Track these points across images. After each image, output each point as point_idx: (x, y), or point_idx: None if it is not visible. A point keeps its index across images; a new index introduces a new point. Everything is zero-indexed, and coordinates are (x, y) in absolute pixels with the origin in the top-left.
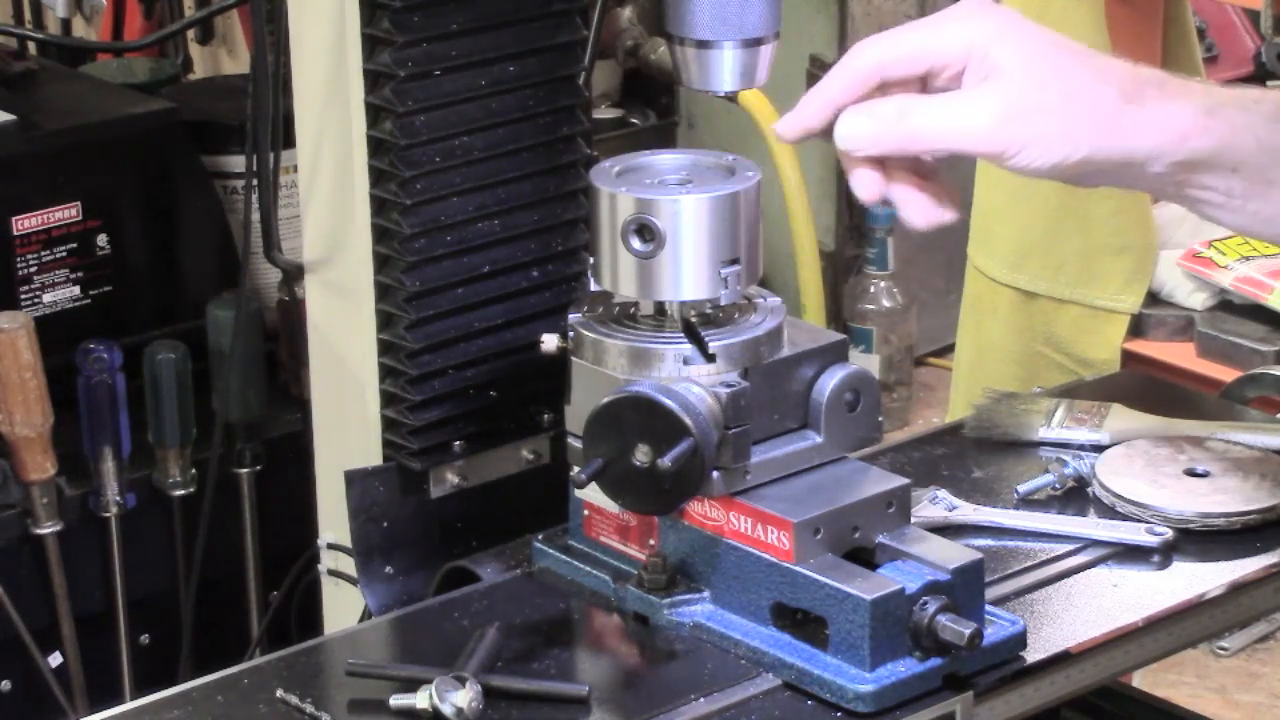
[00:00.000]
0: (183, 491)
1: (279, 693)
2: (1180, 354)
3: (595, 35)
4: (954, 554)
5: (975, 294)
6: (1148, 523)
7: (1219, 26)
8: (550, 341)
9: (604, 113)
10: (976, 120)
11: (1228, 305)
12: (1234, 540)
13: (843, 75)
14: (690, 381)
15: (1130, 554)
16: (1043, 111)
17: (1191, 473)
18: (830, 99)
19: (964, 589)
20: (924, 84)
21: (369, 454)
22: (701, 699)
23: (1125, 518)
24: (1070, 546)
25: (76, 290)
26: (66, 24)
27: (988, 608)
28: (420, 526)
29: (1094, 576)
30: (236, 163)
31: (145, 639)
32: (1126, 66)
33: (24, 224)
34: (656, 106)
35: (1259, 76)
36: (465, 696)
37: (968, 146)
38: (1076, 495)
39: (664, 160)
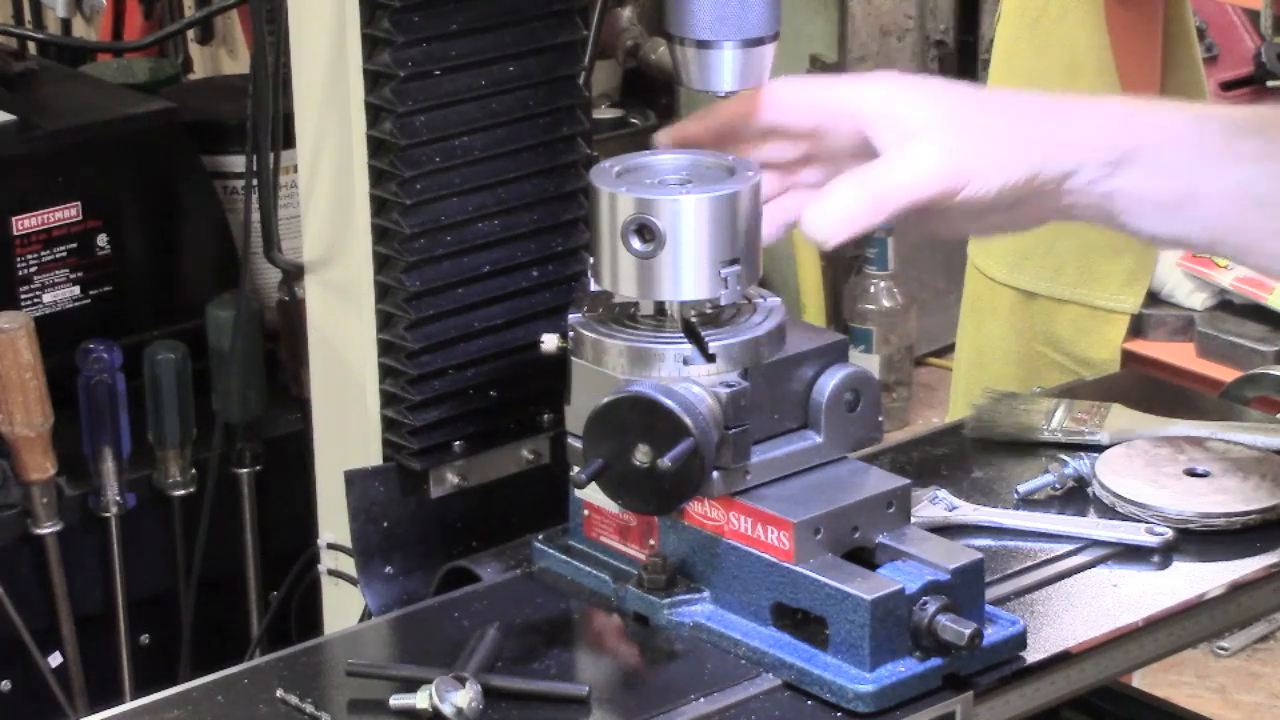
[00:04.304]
0: (183, 491)
1: (279, 693)
2: (1180, 354)
3: (595, 35)
4: (954, 554)
5: (975, 294)
6: (1148, 523)
7: (1219, 26)
8: (550, 341)
9: (604, 113)
10: (926, 163)
11: (1227, 305)
12: (1234, 540)
13: (740, 98)
14: (690, 381)
15: (1130, 554)
16: (979, 138)
17: (1191, 473)
18: (718, 115)
19: (964, 589)
20: (811, 143)
21: (369, 454)
22: (701, 699)
23: (1125, 518)
24: (1070, 546)
25: (76, 290)
26: (66, 24)
27: (988, 608)
28: (420, 526)
29: (1094, 576)
30: (236, 163)
31: (145, 639)
32: (1035, 93)
33: (24, 224)
34: (656, 106)
35: (1259, 77)
36: (465, 696)
37: (926, 191)
38: (1076, 495)
39: (664, 160)
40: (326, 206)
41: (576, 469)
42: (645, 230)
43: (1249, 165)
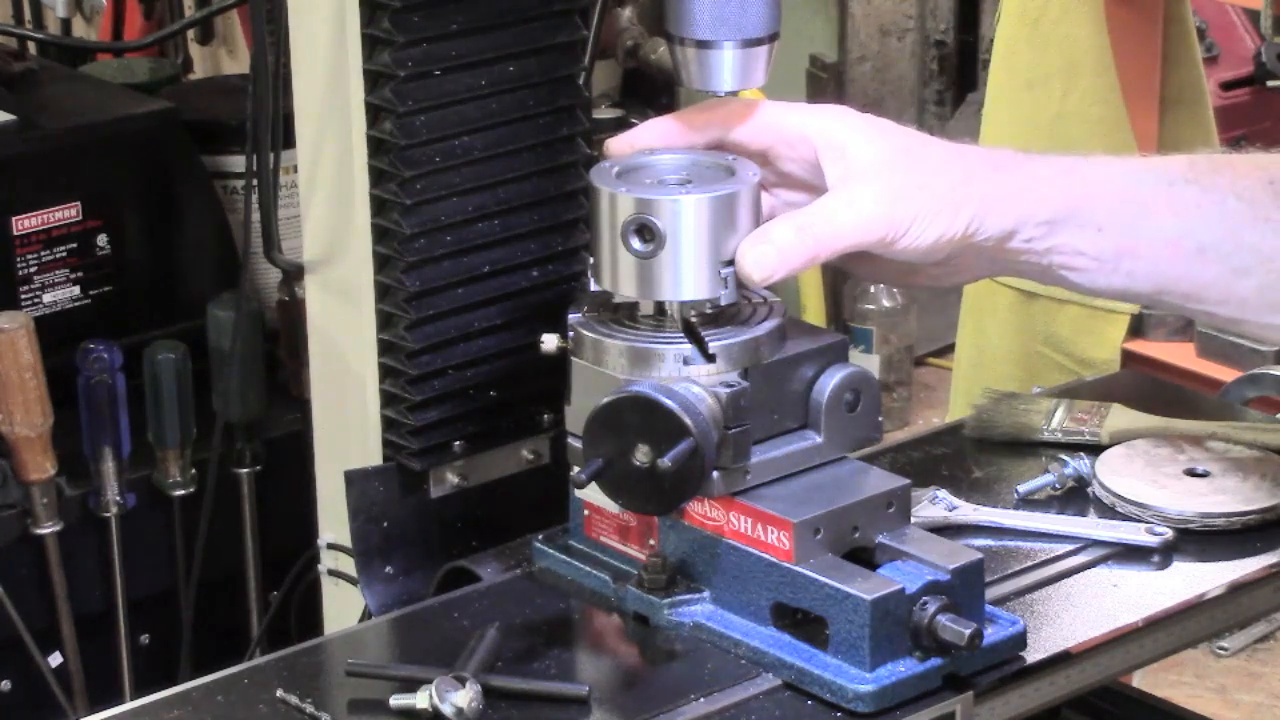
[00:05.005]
0: (183, 491)
1: (279, 693)
2: (1180, 354)
3: (595, 35)
4: (954, 554)
5: (975, 294)
6: (1148, 523)
7: (1219, 26)
8: (550, 341)
9: (604, 113)
10: (864, 209)
11: None
12: (1234, 540)
13: (694, 109)
14: (690, 381)
15: (1130, 554)
16: (919, 189)
17: (1191, 473)
18: (671, 126)
19: (964, 589)
20: (762, 160)
21: (369, 454)
22: (701, 699)
23: (1125, 518)
24: (1070, 546)
25: (76, 290)
26: (66, 24)
27: (988, 608)
28: (420, 526)
29: (1094, 576)
30: (236, 163)
31: (145, 639)
32: (981, 148)
33: (24, 224)
34: (656, 106)
35: (1259, 77)
36: (465, 696)
37: (863, 238)
38: (1076, 495)
39: (664, 160)
40: (326, 206)
41: (576, 469)
42: (645, 230)
43: (1187, 215)
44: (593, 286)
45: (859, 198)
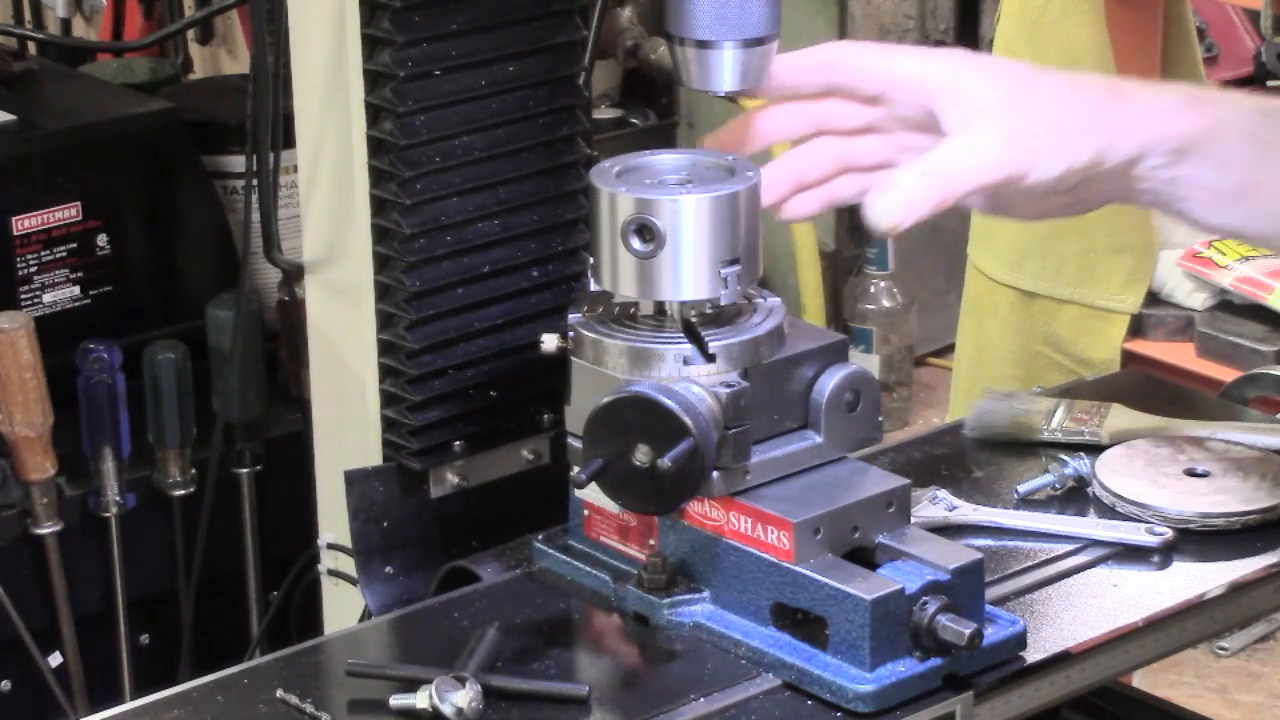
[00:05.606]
0: (183, 491)
1: (279, 693)
2: (1180, 354)
3: (595, 35)
4: (954, 554)
5: (975, 294)
6: (1148, 523)
7: (1219, 26)
8: (550, 341)
9: (604, 113)
10: (989, 150)
11: (1227, 305)
12: (1234, 540)
13: (802, 53)
14: (690, 381)
15: (1130, 554)
16: (1041, 123)
17: (1191, 473)
18: (785, 64)
19: (964, 589)
20: (875, 111)
21: (369, 454)
22: (701, 699)
23: (1125, 518)
24: (1070, 546)
25: (76, 290)
26: (66, 24)
27: (988, 608)
28: (420, 526)
29: (1094, 576)
30: (236, 163)
31: (145, 639)
32: (1100, 76)
33: (24, 224)
34: (656, 106)
35: (1259, 77)
36: (465, 696)
37: (990, 177)
38: (1076, 495)
39: (664, 160)
40: (326, 206)
41: (576, 469)
42: (645, 230)
43: None
44: (593, 286)
45: (982, 139)
